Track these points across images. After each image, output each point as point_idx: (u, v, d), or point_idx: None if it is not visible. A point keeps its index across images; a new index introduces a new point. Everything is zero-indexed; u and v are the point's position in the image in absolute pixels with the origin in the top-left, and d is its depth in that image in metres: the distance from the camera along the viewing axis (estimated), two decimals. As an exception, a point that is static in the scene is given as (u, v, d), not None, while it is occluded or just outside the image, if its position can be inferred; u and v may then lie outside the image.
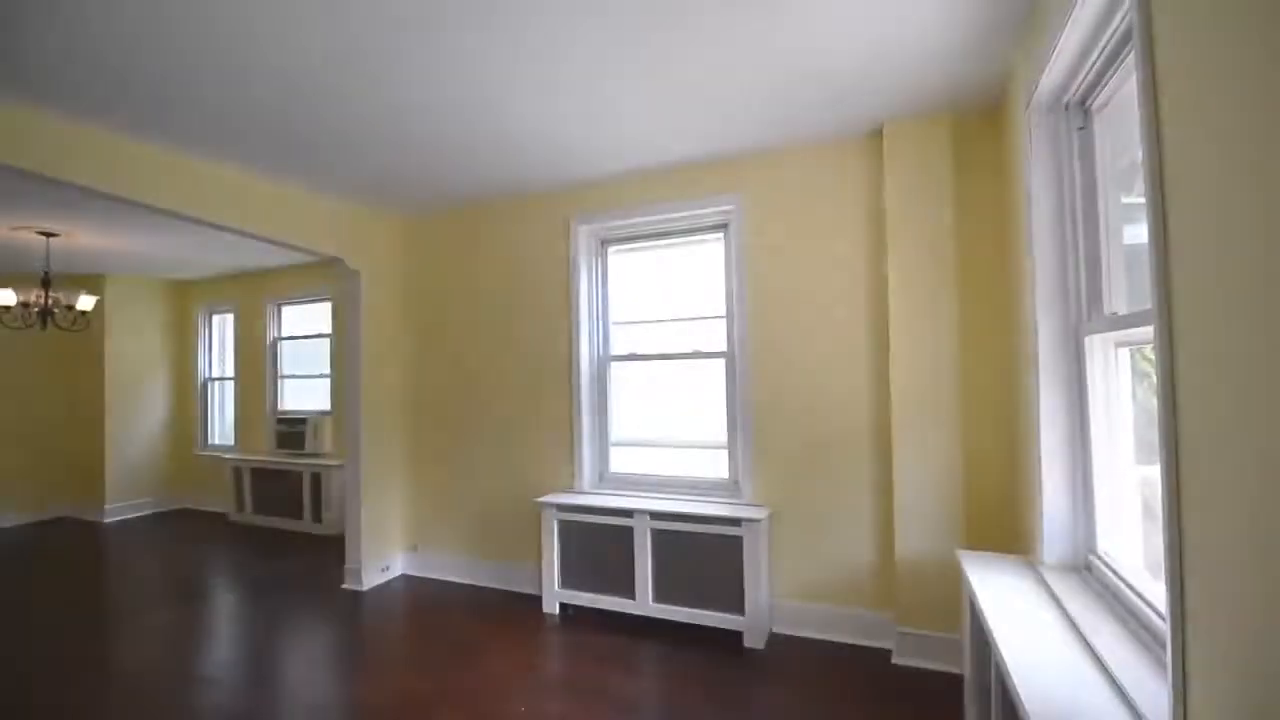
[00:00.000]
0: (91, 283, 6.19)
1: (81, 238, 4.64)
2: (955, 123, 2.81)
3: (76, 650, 3.17)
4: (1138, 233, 1.57)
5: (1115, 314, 1.78)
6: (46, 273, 4.73)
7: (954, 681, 2.61)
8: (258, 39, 2.07)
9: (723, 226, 3.46)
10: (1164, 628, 1.12)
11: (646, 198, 3.55)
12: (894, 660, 2.82)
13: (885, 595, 2.98)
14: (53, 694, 2.72)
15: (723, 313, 3.48)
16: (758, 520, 3.02)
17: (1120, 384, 1.82)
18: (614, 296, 3.86)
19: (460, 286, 4.20)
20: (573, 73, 2.35)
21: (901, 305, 2.83)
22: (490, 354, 4.07)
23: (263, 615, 3.64)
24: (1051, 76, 1.83)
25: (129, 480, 6.39)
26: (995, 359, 2.79)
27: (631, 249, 3.81)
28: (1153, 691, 1.21)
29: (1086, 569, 1.93)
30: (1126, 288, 1.78)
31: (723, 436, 3.46)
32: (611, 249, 3.84)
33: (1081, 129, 1.93)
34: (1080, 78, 1.79)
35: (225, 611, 3.75)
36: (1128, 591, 1.57)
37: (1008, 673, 1.38)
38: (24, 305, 4.64)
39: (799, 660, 2.89)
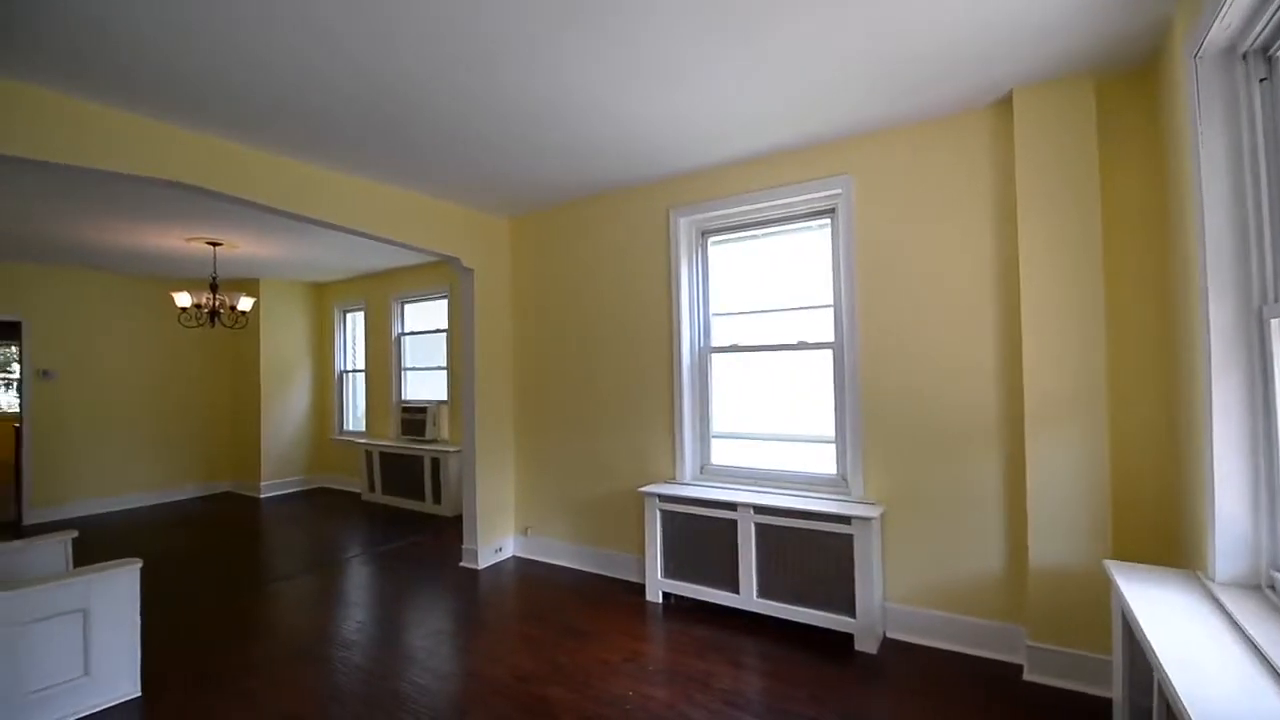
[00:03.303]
0: (249, 286, 7.04)
1: (241, 246, 5.27)
2: (1098, 84, 2.51)
3: (243, 610, 3.63)
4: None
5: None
6: (214, 277, 5.41)
7: (1098, 705, 2.35)
8: (389, 61, 2.23)
9: (829, 211, 3.32)
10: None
11: (749, 186, 3.48)
12: (1026, 677, 2.59)
13: (1014, 605, 2.74)
14: (228, 653, 3.12)
15: (829, 301, 3.34)
16: (870, 519, 2.88)
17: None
18: (714, 287, 3.82)
19: (564, 281, 4.34)
20: (678, 67, 2.34)
21: (1036, 289, 2.57)
22: (593, 346, 4.17)
23: (391, 586, 3.98)
24: (1225, 21, 1.58)
25: (280, 460, 7.19)
26: (1150, 345, 2.47)
27: (732, 239, 3.75)
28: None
29: (1270, 588, 1.66)
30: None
31: (829, 430, 3.32)
32: (712, 240, 3.80)
33: (1264, 80, 1.66)
34: (1264, 21, 1.53)
35: (359, 580, 4.13)
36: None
37: (1184, 709, 1.20)
38: (196, 306, 5.34)
39: (917, 669, 2.73)
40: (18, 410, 6.00)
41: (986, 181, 2.82)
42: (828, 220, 3.34)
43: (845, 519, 2.93)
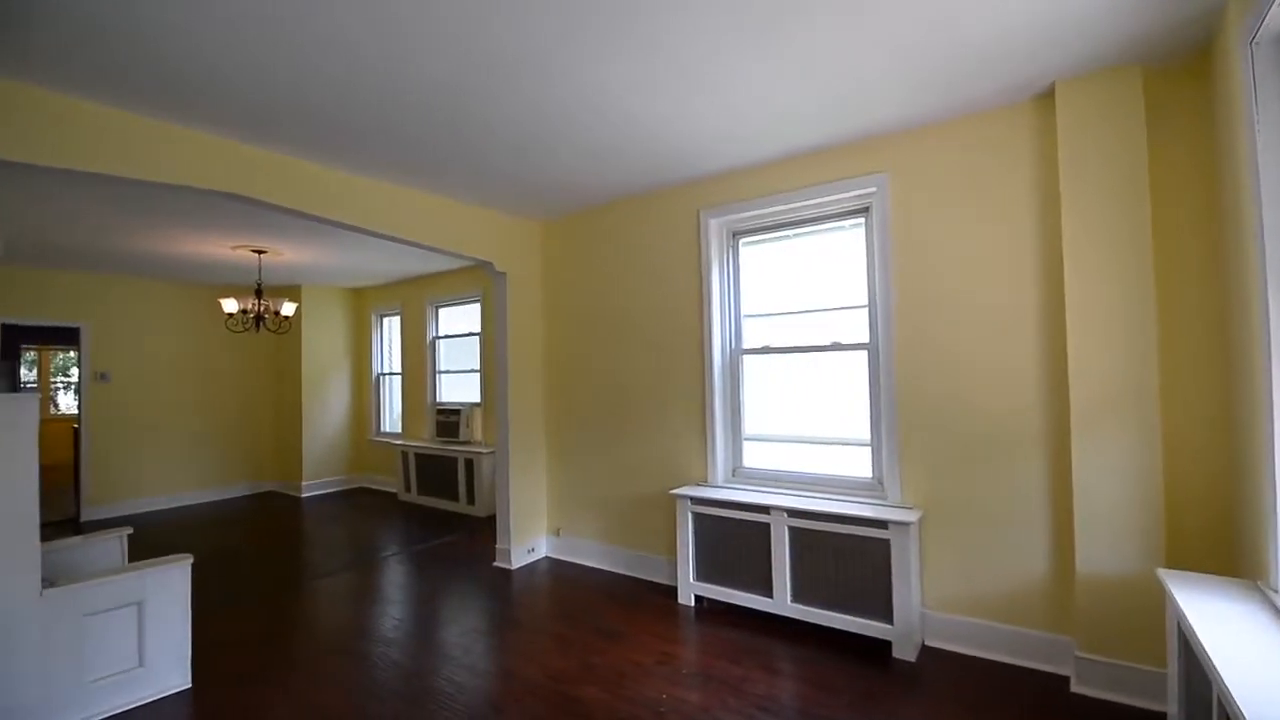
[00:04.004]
0: (291, 292, 7.26)
1: (285, 254, 5.44)
2: (1145, 74, 2.42)
3: (287, 605, 3.74)
4: None
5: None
6: (259, 284, 5.60)
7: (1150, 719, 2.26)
8: (409, 71, 2.29)
9: (864, 210, 3.27)
10: None
11: (781, 186, 3.45)
12: (1074, 689, 2.50)
13: (1061, 614, 2.65)
14: (273, 647, 3.22)
15: (863, 302, 3.28)
16: (907, 523, 2.82)
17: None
18: (746, 289, 3.79)
19: (595, 283, 4.36)
20: (709, 68, 2.34)
21: (1082, 285, 2.49)
22: (624, 348, 4.19)
23: (427, 584, 4.05)
24: (1289, 2, 1.51)
25: (320, 461, 7.40)
26: (1205, 342, 2.37)
27: (764, 240, 3.72)
28: None
29: (1344, 602, 1.57)
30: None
31: (864, 433, 3.27)
32: (743, 241, 3.78)
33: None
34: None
35: (396, 579, 4.21)
36: None
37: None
38: (242, 311, 5.54)
39: (959, 678, 2.66)
40: (77, 412, 6.29)
41: (1027, 177, 2.74)
42: (862, 219, 3.29)
43: (882, 524, 2.88)
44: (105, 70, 2.26)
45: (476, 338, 6.52)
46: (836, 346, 3.40)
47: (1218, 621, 1.60)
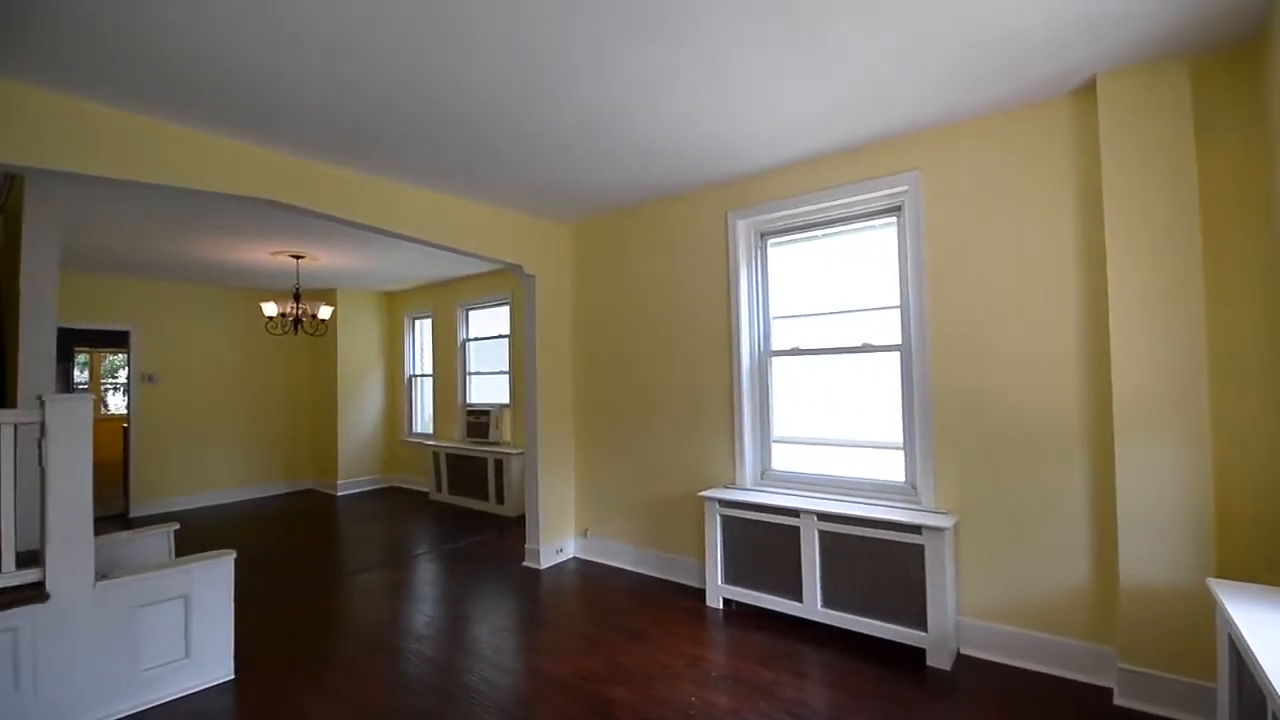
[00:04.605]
0: (327, 296, 7.46)
1: (321, 259, 5.59)
2: (1193, 65, 2.34)
3: (323, 600, 3.84)
4: None
5: None
6: (297, 288, 5.76)
7: (1202, 736, 2.17)
8: (435, 79, 2.33)
9: (895, 209, 3.22)
10: None
11: (810, 185, 3.42)
12: (1117, 701, 2.42)
13: (1103, 624, 2.57)
14: (311, 641, 3.31)
15: (895, 302, 3.23)
16: (942, 529, 2.76)
17: None
18: (774, 289, 3.77)
19: (623, 285, 4.38)
20: (736, 68, 2.33)
21: (1125, 286, 2.41)
22: (652, 349, 4.19)
23: (458, 583, 4.11)
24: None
25: (355, 460, 7.57)
26: (1258, 339, 2.27)
27: (792, 240, 3.69)
28: None
29: None
30: None
31: (896, 436, 3.22)
32: (771, 241, 3.75)
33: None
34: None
35: (428, 577, 4.29)
36: None
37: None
38: (281, 315, 5.71)
39: (996, 688, 2.60)
40: (126, 412, 6.55)
41: (1066, 172, 2.67)
42: (893, 218, 3.24)
43: (915, 528, 2.83)
44: (176, 89, 2.41)
45: (506, 340, 6.60)
46: (867, 348, 3.35)
47: (1272, 635, 1.53)
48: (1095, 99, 2.51)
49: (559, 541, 4.52)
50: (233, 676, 2.82)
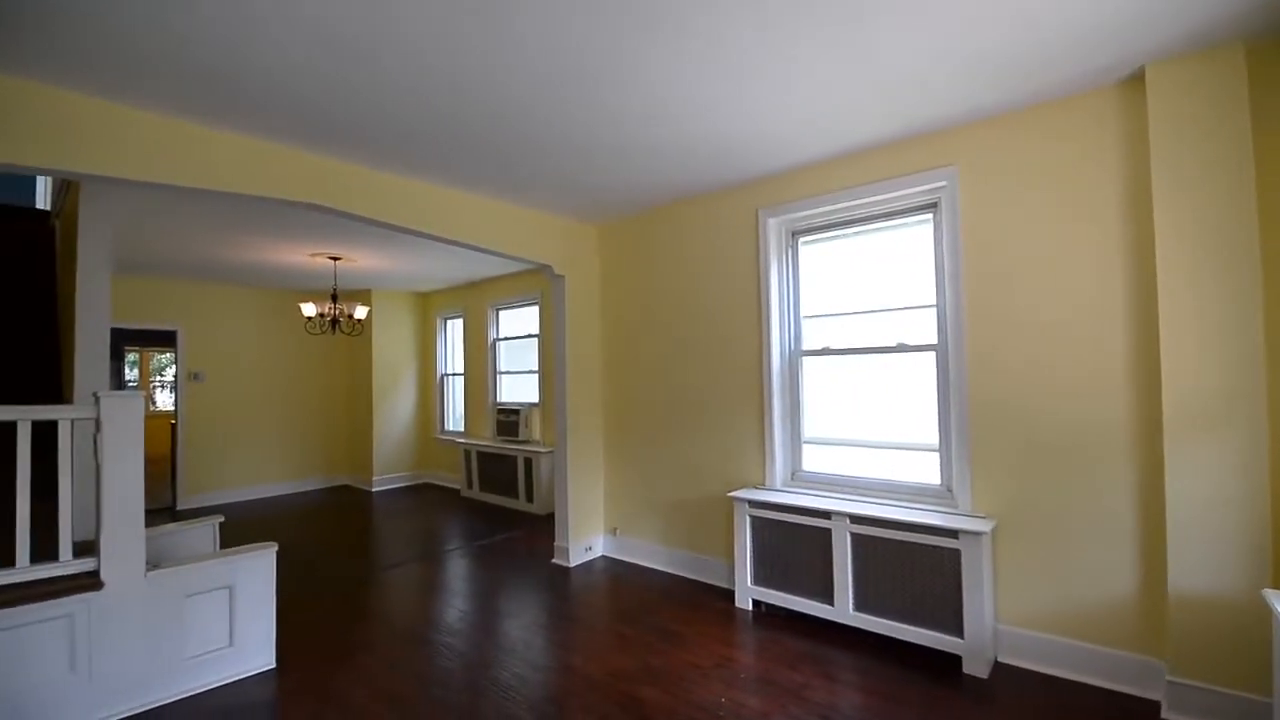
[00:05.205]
0: (362, 296, 7.64)
1: (358, 260, 5.73)
2: (1250, 49, 2.23)
3: (359, 593, 3.94)
4: None
5: None
6: (334, 289, 5.91)
7: (1258, 754, 2.08)
8: (467, 82, 2.36)
9: (931, 206, 3.15)
10: None
11: (842, 182, 3.37)
12: (1164, 715, 2.33)
13: (1150, 634, 2.47)
14: (348, 632, 3.39)
15: (931, 301, 3.16)
16: (980, 533, 2.69)
17: None
18: (805, 289, 3.72)
19: (652, 284, 4.38)
20: (769, 64, 2.31)
21: (1177, 285, 2.31)
22: (681, 349, 4.19)
23: (489, 579, 4.17)
24: None
25: (389, 457, 7.74)
26: (1323, 348, 2.16)
27: (824, 238, 3.64)
28: None
29: None
30: None
31: (932, 438, 3.15)
32: (802, 240, 3.71)
33: None
34: None
35: (460, 572, 4.36)
36: None
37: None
38: (320, 315, 5.86)
39: (1036, 698, 2.52)
40: (173, 409, 6.81)
41: (1112, 167, 2.57)
42: (929, 215, 3.18)
43: (952, 533, 2.76)
44: (236, 101, 2.51)
45: (535, 339, 6.67)
46: (902, 348, 3.29)
47: (1338, 650, 1.46)
48: (1144, 89, 2.42)
49: (588, 539, 4.55)
50: (274, 665, 2.91)
